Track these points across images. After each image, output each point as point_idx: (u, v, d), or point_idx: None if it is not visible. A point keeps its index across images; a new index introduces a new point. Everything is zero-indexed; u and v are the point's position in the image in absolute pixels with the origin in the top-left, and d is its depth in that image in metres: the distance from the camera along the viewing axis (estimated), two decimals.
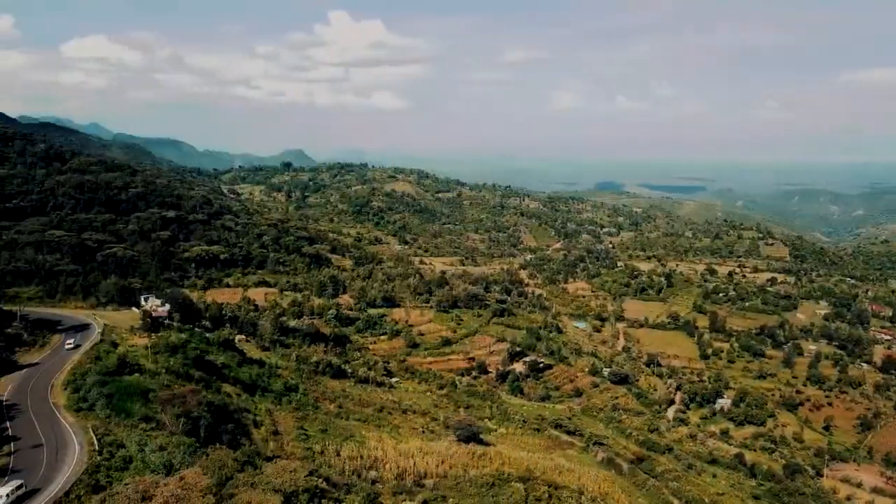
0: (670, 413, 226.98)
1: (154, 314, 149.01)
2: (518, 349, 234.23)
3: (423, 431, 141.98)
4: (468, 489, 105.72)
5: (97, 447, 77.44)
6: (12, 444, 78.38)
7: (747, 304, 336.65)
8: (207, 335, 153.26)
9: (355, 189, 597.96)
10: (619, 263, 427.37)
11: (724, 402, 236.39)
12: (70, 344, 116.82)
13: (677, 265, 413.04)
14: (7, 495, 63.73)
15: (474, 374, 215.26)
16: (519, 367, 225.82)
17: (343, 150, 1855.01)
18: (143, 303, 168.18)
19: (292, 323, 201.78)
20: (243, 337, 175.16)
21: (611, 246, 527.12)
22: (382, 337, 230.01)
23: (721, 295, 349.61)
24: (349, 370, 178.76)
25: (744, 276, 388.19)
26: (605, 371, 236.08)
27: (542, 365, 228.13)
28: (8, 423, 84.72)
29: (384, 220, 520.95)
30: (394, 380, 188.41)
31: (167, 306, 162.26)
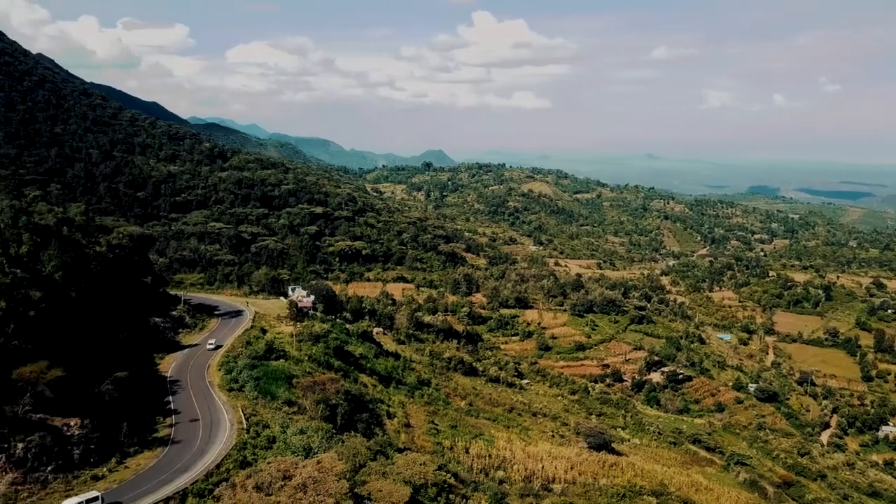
0: (824, 437, 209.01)
1: (300, 304, 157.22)
2: (656, 358, 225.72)
3: (553, 435, 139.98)
4: (598, 498, 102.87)
5: (245, 426, 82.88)
6: (174, 417, 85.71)
7: None
8: (347, 326, 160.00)
9: (492, 189, 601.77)
10: (771, 273, 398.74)
11: (891, 430, 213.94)
12: (211, 345, 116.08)
13: (838, 277, 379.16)
14: None
15: (608, 381, 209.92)
16: (656, 377, 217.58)
17: (482, 151, 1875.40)
18: (290, 293, 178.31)
19: (427, 318, 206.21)
20: (380, 330, 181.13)
21: (762, 254, 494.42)
22: (514, 338, 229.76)
23: (890, 311, 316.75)
24: (480, 368, 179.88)
25: None
26: (751, 387, 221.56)
27: (681, 376, 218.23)
28: (170, 398, 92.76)
29: (519, 221, 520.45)
30: (524, 381, 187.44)
31: (312, 297, 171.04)
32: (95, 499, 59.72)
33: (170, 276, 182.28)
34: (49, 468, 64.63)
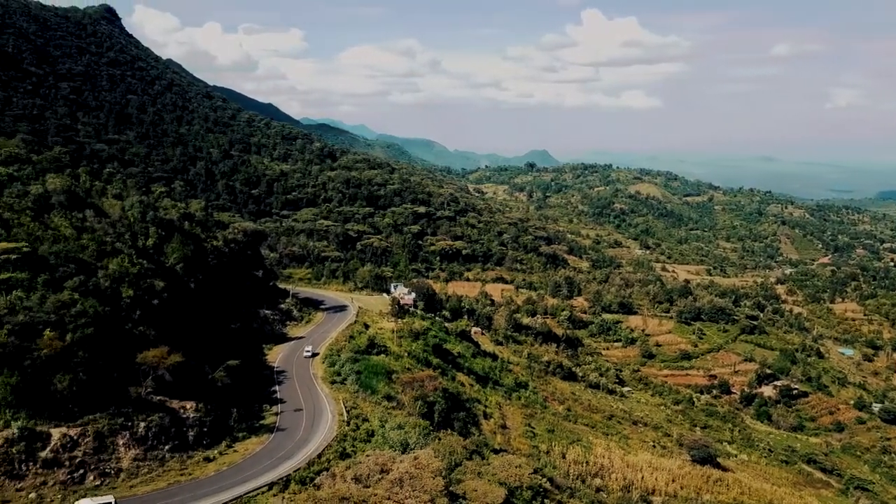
0: None
1: (401, 301, 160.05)
2: (768, 371, 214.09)
3: (654, 446, 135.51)
4: None
5: (346, 418, 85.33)
6: (279, 406, 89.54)
7: None
8: (446, 325, 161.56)
9: (597, 190, 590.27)
10: None
11: None
12: (308, 352, 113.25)
13: None
14: None
15: (715, 392, 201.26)
16: (768, 390, 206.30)
17: (588, 151, 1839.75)
18: (392, 290, 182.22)
19: (525, 320, 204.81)
20: (478, 330, 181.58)
21: (892, 264, 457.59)
22: (616, 344, 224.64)
23: None
24: (580, 374, 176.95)
25: None
26: (876, 406, 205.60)
27: (795, 391, 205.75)
28: (277, 387, 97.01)
29: (625, 223, 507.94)
30: (625, 389, 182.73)
31: (413, 295, 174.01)
32: None
33: (280, 270, 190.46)
34: (167, 447, 69.08)
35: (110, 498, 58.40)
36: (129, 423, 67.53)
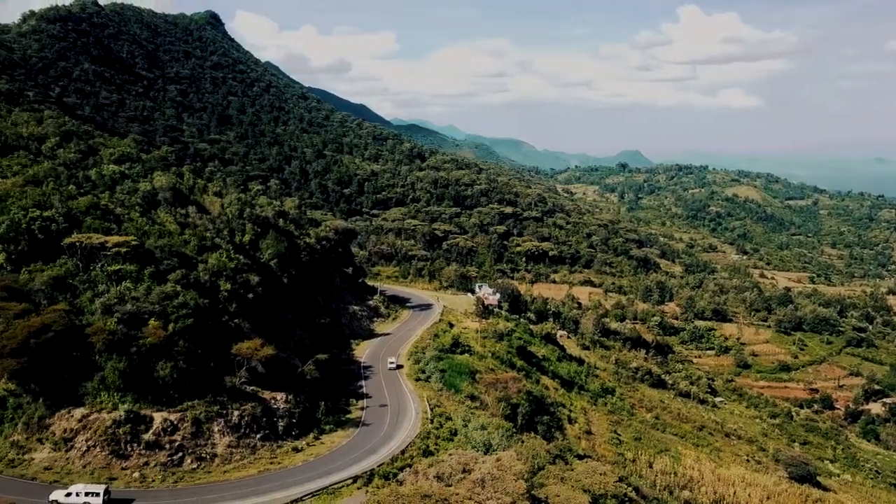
0: None
1: (486, 301, 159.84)
2: (877, 387, 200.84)
3: (748, 460, 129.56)
4: None
5: (430, 416, 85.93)
6: (365, 401, 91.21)
7: None
8: (531, 327, 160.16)
9: (692, 192, 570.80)
10: None
11: None
12: (392, 364, 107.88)
13: None
14: (78, 493, 56.84)
15: (816, 407, 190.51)
16: (876, 407, 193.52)
17: (682, 152, 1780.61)
18: (477, 290, 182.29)
19: (614, 325, 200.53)
20: (564, 333, 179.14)
21: None
22: (709, 352, 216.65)
23: None
24: (669, 381, 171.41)
25: None
26: None
27: None
28: (363, 382, 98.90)
29: (721, 227, 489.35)
30: (718, 399, 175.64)
31: (498, 295, 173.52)
32: (97, 493, 57.16)
33: (368, 267, 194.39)
34: (258, 436, 71.67)
35: (101, 487, 58.35)
36: (224, 411, 70.43)
